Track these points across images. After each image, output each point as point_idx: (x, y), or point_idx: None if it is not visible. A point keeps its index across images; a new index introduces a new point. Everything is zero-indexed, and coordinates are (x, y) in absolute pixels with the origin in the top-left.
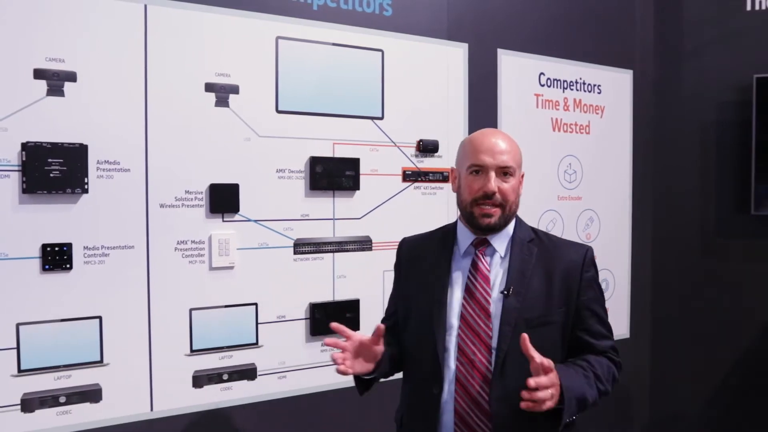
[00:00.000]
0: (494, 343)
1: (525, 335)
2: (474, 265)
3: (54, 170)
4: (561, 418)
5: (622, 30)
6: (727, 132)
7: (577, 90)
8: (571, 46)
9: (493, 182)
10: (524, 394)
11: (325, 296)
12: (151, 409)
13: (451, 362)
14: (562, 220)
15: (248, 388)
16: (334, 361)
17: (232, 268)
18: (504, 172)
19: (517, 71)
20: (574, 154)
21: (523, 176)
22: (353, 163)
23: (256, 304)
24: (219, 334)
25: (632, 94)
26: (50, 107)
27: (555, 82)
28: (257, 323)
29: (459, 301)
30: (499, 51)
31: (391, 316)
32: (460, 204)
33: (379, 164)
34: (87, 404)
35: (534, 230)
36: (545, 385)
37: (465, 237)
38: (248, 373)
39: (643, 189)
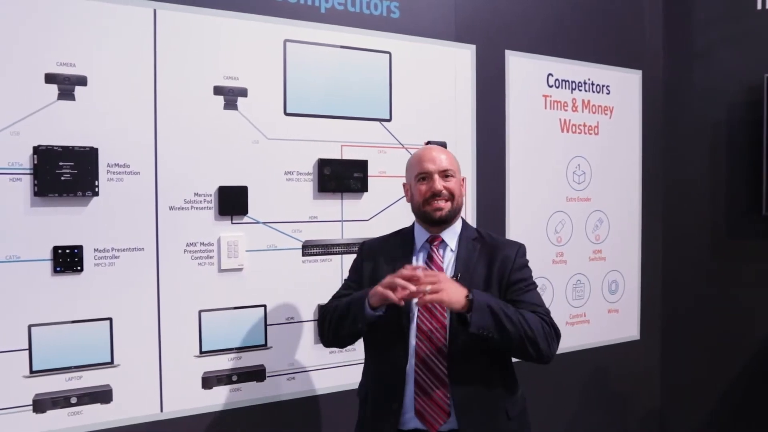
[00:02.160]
0: (448, 320)
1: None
2: (429, 257)
3: (65, 173)
4: (469, 324)
5: (631, 30)
6: (737, 132)
7: (586, 91)
8: (579, 47)
9: (438, 183)
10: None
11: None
12: (161, 410)
13: (412, 340)
14: (571, 222)
15: (257, 389)
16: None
17: (241, 270)
18: (445, 174)
19: (525, 72)
20: (583, 155)
21: (464, 180)
22: (361, 165)
23: (264, 306)
24: (228, 335)
25: (641, 94)
26: (61, 111)
27: (563, 82)
28: (266, 325)
29: None
30: (507, 52)
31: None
32: (414, 208)
33: (387, 166)
34: (98, 405)
35: (477, 230)
36: (417, 276)
37: (421, 235)
38: (257, 374)
39: (653, 190)
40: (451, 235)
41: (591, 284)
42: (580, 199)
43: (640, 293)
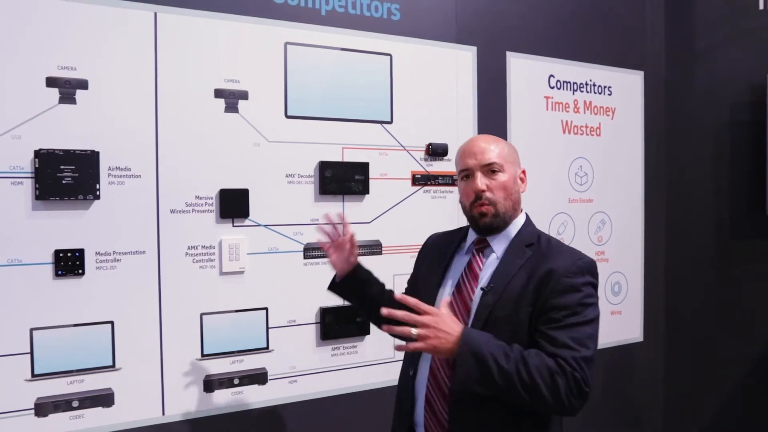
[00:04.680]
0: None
1: (447, 297)
2: (469, 263)
3: (66, 177)
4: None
5: (633, 30)
6: (740, 132)
7: (588, 92)
8: (580, 48)
9: (479, 181)
10: (384, 327)
11: (335, 300)
12: (163, 414)
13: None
14: (573, 223)
15: (259, 392)
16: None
17: (242, 272)
18: (490, 169)
19: (527, 74)
20: (585, 156)
21: (524, 172)
22: (362, 168)
23: (266, 309)
24: (230, 338)
25: (643, 95)
26: (62, 115)
27: (565, 84)
28: (268, 328)
29: (449, 295)
30: (508, 54)
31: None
32: (464, 212)
33: (389, 168)
34: (99, 408)
35: (540, 235)
36: (399, 318)
37: (471, 237)
38: (259, 377)
39: (656, 190)
40: (501, 240)
41: None
42: (583, 201)
43: (644, 295)
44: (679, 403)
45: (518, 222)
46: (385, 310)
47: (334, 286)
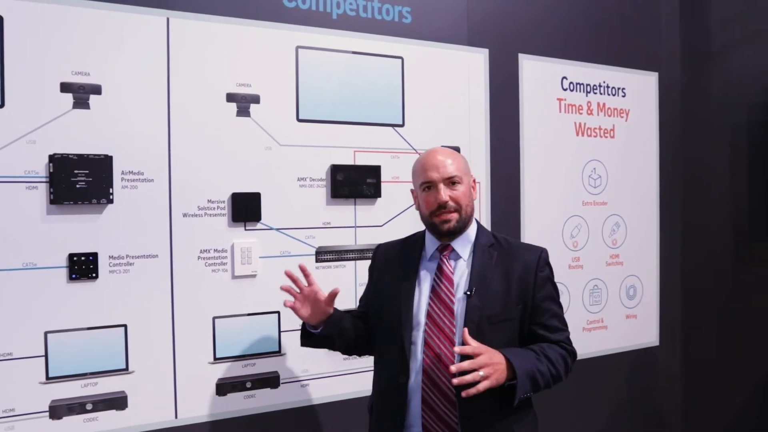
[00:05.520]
0: (458, 338)
1: (465, 328)
2: (439, 268)
3: (80, 181)
4: (515, 394)
5: (647, 31)
6: (757, 133)
7: (601, 93)
8: (593, 49)
9: (443, 193)
10: (453, 381)
11: (347, 304)
12: (176, 417)
13: (419, 355)
14: (587, 226)
15: (271, 396)
16: (287, 304)
17: (254, 276)
18: (451, 181)
19: (539, 76)
20: (599, 159)
21: (475, 182)
22: (374, 171)
23: (278, 312)
24: (242, 342)
25: (658, 96)
26: (76, 120)
27: (578, 86)
28: (280, 331)
29: (426, 301)
30: (521, 56)
31: (361, 308)
32: (422, 218)
33: (401, 171)
34: (113, 411)
35: (495, 236)
36: (466, 368)
37: (432, 243)
38: (271, 381)
39: (672, 193)
40: (463, 243)
41: (608, 289)
42: (597, 203)
43: (659, 298)
44: (696, 408)
45: (473, 227)
46: (454, 367)
47: (309, 338)
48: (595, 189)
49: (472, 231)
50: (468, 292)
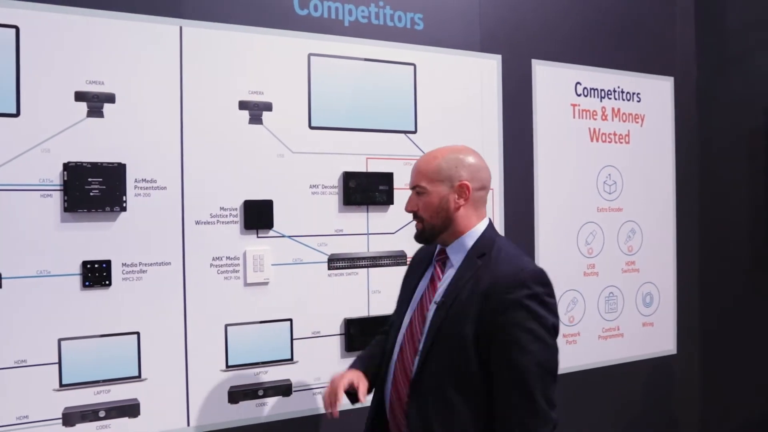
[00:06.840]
0: (420, 348)
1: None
2: (431, 275)
3: (94, 189)
4: None
5: (662, 36)
6: None
7: (616, 99)
8: (607, 54)
9: (408, 202)
10: None
11: (359, 311)
12: (188, 425)
13: (392, 369)
14: (602, 233)
15: (284, 404)
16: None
17: (266, 284)
18: (417, 191)
19: (553, 81)
20: (614, 165)
21: (463, 186)
22: (387, 178)
23: (291, 320)
24: (254, 349)
25: (674, 101)
26: (90, 128)
27: (592, 91)
28: (292, 339)
29: (415, 305)
30: (534, 61)
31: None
32: None
33: None
34: (126, 419)
35: (494, 244)
36: None
37: (438, 249)
38: (284, 389)
39: (688, 199)
40: (457, 250)
41: (624, 297)
42: (612, 210)
43: (676, 305)
44: (715, 417)
45: (476, 231)
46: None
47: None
48: (610, 195)
49: (470, 238)
50: (437, 302)
